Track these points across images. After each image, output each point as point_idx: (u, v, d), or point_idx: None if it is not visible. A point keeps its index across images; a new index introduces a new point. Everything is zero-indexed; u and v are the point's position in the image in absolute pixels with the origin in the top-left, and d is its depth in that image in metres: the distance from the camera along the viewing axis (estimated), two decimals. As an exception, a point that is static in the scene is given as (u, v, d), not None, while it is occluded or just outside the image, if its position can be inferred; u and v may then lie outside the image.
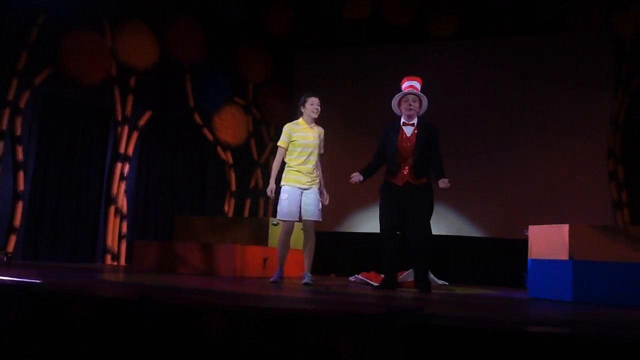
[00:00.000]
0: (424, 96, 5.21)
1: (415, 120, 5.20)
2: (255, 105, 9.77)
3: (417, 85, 5.24)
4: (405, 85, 5.27)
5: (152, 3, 8.34)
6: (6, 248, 6.64)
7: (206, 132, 9.09)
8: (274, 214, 9.08)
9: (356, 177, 5.28)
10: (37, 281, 3.60)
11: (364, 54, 9.46)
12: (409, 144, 5.15)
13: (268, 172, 9.78)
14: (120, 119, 8.02)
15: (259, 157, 9.81)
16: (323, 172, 5.59)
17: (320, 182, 5.49)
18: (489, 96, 8.68)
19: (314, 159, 5.40)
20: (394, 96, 5.26)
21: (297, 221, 5.42)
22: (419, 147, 5.11)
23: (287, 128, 5.43)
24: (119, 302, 2.74)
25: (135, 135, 8.19)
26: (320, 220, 5.43)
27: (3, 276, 3.84)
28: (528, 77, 8.51)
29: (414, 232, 5.06)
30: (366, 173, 5.34)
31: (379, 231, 5.24)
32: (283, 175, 5.44)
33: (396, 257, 5.16)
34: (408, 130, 5.19)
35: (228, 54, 9.21)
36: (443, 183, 4.99)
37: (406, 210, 5.10)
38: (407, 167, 5.13)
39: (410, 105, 5.17)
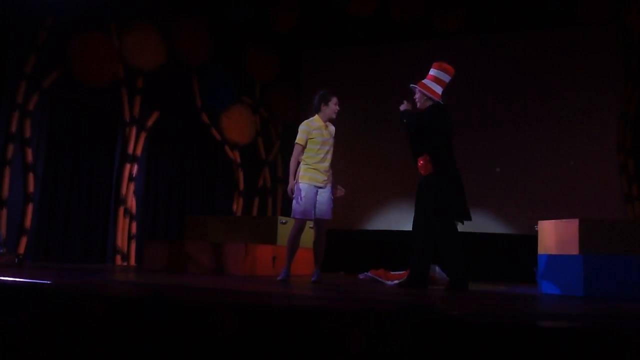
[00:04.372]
0: (416, 86, 5.15)
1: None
2: (263, 104, 9.78)
3: (430, 75, 5.21)
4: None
5: (159, 4, 8.35)
6: (17, 249, 6.69)
7: (214, 131, 9.11)
8: (282, 213, 9.15)
9: None
10: (48, 282, 3.62)
11: (370, 51, 9.46)
12: None
13: (276, 171, 9.89)
14: (128, 120, 8.05)
15: (266, 156, 9.82)
16: (333, 168, 5.55)
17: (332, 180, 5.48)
18: (498, 91, 8.64)
19: (330, 157, 5.36)
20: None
21: (310, 220, 5.39)
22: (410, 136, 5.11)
23: (305, 126, 5.31)
24: (131, 302, 2.75)
25: (143, 136, 8.22)
26: (331, 218, 5.41)
27: (14, 277, 3.87)
28: (537, 71, 8.47)
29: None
30: None
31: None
32: (300, 173, 5.35)
33: (419, 253, 5.05)
34: None
35: (235, 53, 9.22)
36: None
37: None
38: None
39: None
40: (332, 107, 5.35)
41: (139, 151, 8.14)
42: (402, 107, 5.17)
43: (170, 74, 8.36)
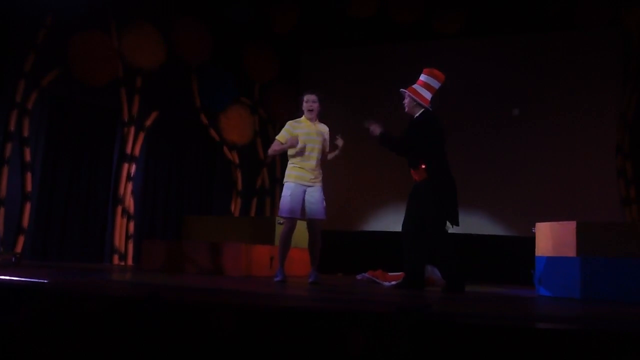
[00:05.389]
0: (405, 91, 5.16)
1: (415, 116, 5.16)
2: (262, 104, 9.78)
3: (420, 81, 5.19)
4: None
5: (159, 4, 8.35)
6: (15, 249, 6.68)
7: (213, 132, 9.11)
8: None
9: None
10: (45, 281, 3.62)
11: (370, 52, 9.47)
12: None
13: (274, 172, 9.88)
14: (127, 119, 8.04)
15: (265, 157, 9.81)
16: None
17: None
18: (497, 93, 8.65)
19: (315, 155, 5.35)
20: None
21: (299, 219, 5.39)
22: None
23: (288, 124, 5.44)
24: (128, 301, 2.74)
25: (142, 135, 8.21)
26: (325, 218, 5.40)
27: (11, 276, 3.86)
28: (536, 74, 8.48)
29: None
30: None
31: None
32: (286, 172, 5.40)
33: (414, 255, 5.04)
34: None
35: (234, 54, 9.23)
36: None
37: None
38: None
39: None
40: (304, 104, 5.45)
41: (137, 151, 8.13)
42: (376, 132, 5.13)
43: (170, 74, 8.36)
